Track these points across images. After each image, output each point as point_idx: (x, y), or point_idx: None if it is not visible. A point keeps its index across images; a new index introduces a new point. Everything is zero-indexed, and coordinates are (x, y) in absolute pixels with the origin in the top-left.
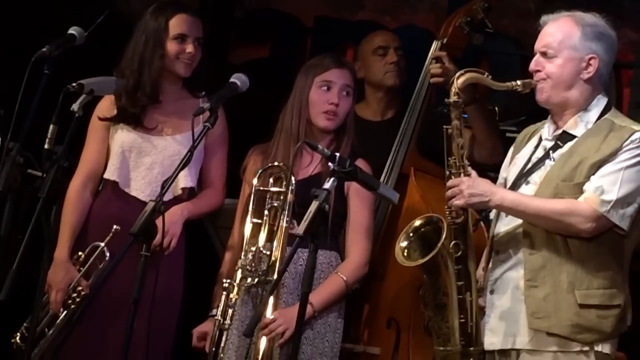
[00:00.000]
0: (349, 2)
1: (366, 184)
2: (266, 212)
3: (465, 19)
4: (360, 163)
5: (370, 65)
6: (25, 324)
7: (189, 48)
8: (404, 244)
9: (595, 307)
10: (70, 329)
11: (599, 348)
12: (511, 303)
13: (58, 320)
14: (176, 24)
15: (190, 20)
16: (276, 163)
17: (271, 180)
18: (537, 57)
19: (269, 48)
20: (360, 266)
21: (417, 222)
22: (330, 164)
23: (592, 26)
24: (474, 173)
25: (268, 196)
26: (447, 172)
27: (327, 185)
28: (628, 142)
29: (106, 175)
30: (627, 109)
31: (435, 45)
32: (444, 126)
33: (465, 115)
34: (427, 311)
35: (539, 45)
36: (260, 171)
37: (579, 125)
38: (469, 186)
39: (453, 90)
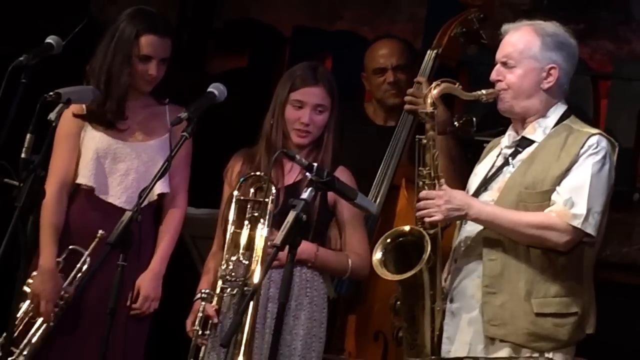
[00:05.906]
0: (327, 12)
1: (343, 194)
2: (247, 221)
3: (461, 29)
4: (341, 171)
5: (371, 82)
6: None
7: (151, 70)
8: (379, 255)
9: (551, 316)
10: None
11: (549, 355)
12: (468, 311)
13: (41, 329)
14: (144, 44)
15: (157, 42)
16: (258, 172)
17: (252, 189)
18: (498, 66)
19: (247, 58)
20: (364, 267)
21: (392, 234)
22: (307, 174)
23: (552, 36)
24: (446, 185)
25: (249, 205)
26: (420, 183)
27: (304, 195)
28: (586, 147)
29: (81, 181)
30: (604, 119)
31: (429, 55)
32: (417, 136)
33: None
34: (398, 322)
35: (499, 55)
36: (241, 180)
37: (537, 130)
38: (447, 201)
39: (429, 100)
